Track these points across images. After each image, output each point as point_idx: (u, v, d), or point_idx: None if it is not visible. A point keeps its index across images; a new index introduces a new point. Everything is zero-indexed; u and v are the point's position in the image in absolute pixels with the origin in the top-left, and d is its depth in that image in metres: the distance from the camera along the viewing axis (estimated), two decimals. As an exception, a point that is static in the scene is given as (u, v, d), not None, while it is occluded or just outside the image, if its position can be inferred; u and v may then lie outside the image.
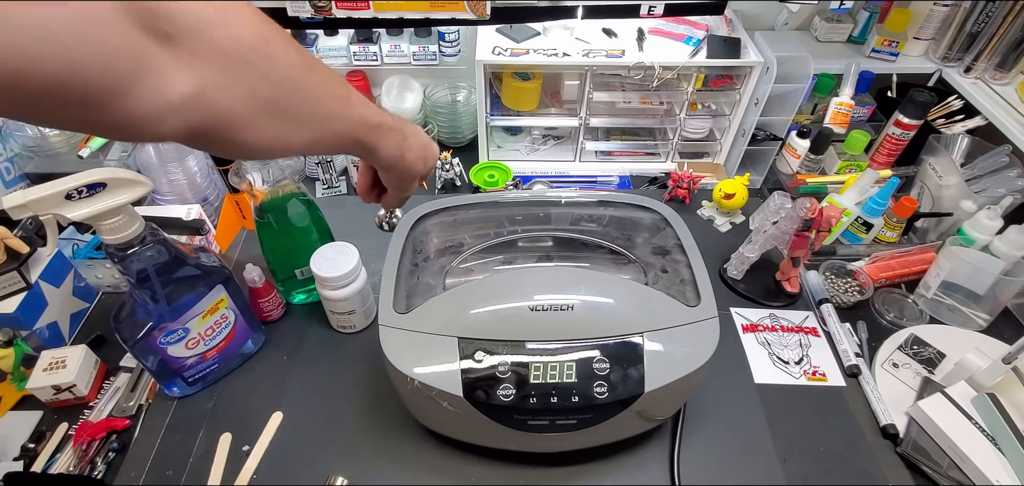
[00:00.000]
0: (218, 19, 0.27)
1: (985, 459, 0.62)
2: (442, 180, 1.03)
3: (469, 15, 0.86)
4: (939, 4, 1.01)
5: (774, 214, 0.78)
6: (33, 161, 0.93)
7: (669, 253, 0.65)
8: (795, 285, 0.84)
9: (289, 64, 0.31)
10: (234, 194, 0.87)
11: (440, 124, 1.11)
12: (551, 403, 0.52)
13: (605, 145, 1.13)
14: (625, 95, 1.04)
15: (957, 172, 0.91)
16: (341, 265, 0.68)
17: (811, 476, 0.64)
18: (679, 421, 0.67)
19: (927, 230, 0.98)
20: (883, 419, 0.69)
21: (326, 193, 1.04)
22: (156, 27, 0.24)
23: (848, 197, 0.91)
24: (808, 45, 1.08)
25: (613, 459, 0.64)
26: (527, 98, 1.04)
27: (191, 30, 0.26)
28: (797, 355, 0.77)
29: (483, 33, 0.97)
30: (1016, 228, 0.78)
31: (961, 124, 1.00)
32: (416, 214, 0.67)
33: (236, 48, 0.28)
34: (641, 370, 0.53)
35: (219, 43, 0.27)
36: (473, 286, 0.59)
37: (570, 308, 0.54)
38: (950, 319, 0.82)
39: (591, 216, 0.71)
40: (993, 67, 1.00)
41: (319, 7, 0.83)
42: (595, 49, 0.95)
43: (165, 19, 0.25)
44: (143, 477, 0.62)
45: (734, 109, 1.02)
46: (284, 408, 0.68)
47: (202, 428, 0.66)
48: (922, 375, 0.74)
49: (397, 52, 1.11)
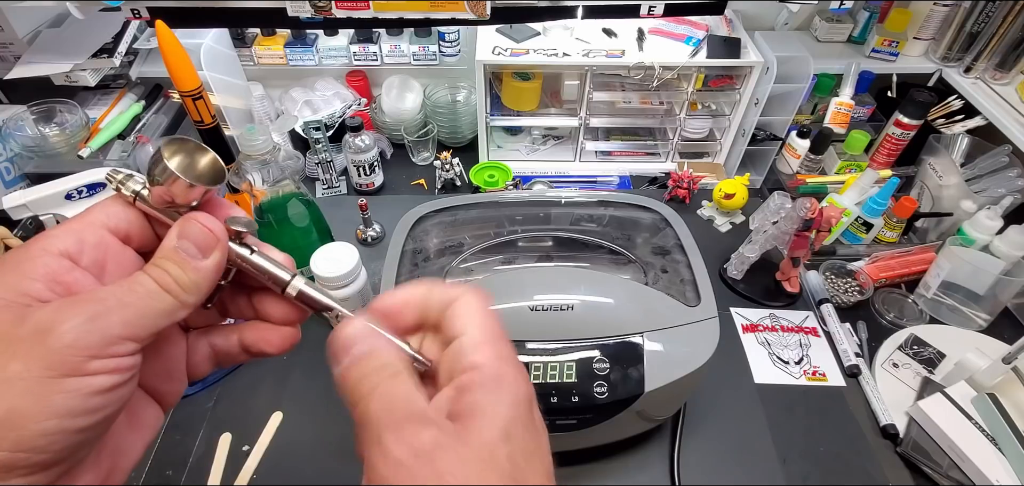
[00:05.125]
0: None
1: (985, 459, 0.62)
2: (442, 180, 1.03)
3: (469, 15, 0.86)
4: (939, 4, 1.01)
5: (774, 214, 0.78)
6: (33, 161, 0.93)
7: (669, 253, 0.65)
8: (795, 285, 0.84)
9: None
10: (234, 194, 0.87)
11: (440, 124, 1.11)
12: (551, 403, 0.52)
13: (605, 145, 1.12)
14: (625, 95, 1.04)
15: (957, 172, 0.91)
16: (341, 265, 0.68)
17: (811, 476, 0.64)
18: (679, 421, 0.67)
19: (927, 230, 0.98)
20: (883, 419, 0.69)
21: (326, 193, 1.04)
22: None
23: (848, 197, 0.91)
24: (808, 45, 1.08)
25: (613, 459, 0.64)
26: (527, 98, 1.04)
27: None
28: (797, 355, 0.77)
29: (483, 33, 0.97)
30: (1016, 228, 0.78)
31: (961, 124, 1.00)
32: (416, 214, 0.67)
33: None
34: (641, 370, 0.53)
35: None
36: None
37: (570, 308, 0.54)
38: (950, 319, 0.82)
39: (591, 216, 0.70)
40: (993, 67, 1.00)
41: (319, 7, 0.83)
42: (595, 49, 0.95)
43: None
44: (143, 477, 0.62)
45: (734, 109, 1.01)
46: (284, 408, 0.68)
47: (202, 428, 0.66)
48: (922, 375, 0.74)
49: (397, 52, 1.11)
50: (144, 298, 0.22)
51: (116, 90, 1.05)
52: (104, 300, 0.21)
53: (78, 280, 0.22)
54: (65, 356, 0.19)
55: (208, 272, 0.24)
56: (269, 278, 0.26)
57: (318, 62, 1.12)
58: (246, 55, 1.09)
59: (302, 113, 1.09)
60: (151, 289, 0.22)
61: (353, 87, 1.16)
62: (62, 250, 0.22)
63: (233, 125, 0.98)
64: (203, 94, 0.73)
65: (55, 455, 0.20)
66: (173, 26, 0.68)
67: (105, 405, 0.21)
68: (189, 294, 0.23)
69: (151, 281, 0.22)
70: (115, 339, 0.21)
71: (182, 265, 0.23)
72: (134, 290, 0.22)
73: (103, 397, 0.20)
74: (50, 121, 0.96)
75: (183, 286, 0.23)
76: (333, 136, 1.07)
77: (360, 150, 0.97)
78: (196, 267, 0.23)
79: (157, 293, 0.22)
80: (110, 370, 0.20)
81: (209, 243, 0.24)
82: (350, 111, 1.11)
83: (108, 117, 0.99)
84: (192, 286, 0.23)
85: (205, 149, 0.25)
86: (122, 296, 0.21)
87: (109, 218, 0.24)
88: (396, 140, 1.13)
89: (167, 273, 0.23)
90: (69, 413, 0.20)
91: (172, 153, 0.24)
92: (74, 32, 0.94)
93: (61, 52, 0.91)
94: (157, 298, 0.22)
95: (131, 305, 0.21)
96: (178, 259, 0.23)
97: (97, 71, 0.92)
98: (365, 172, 1.00)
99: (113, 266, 0.24)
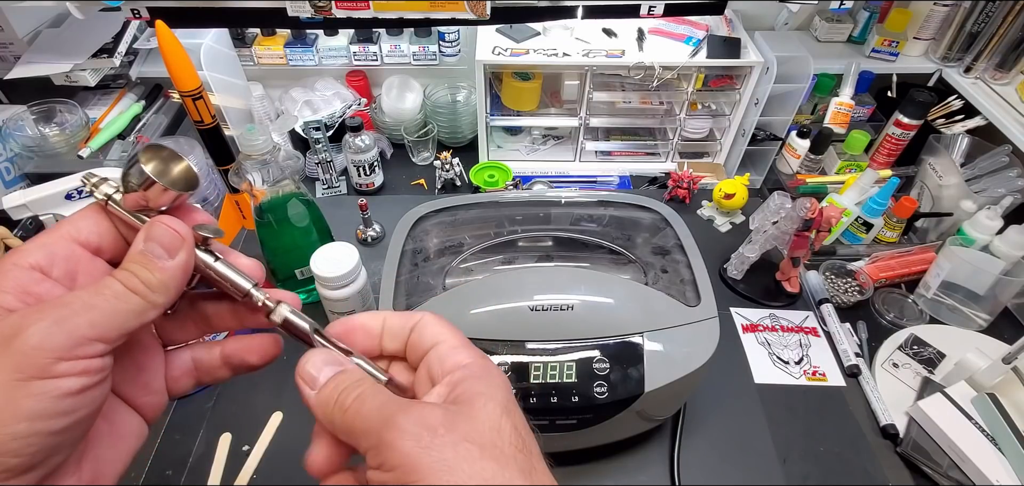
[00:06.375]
0: None
1: (985, 459, 0.62)
2: (442, 180, 1.03)
3: (469, 15, 0.86)
4: (939, 4, 1.01)
5: (774, 214, 0.78)
6: (33, 161, 0.93)
7: (669, 253, 0.65)
8: (795, 285, 0.84)
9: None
10: (234, 194, 0.87)
11: (440, 124, 1.11)
12: (551, 403, 0.52)
13: (605, 145, 1.12)
14: (625, 95, 1.04)
15: (957, 172, 0.91)
16: (341, 265, 0.68)
17: (811, 476, 0.64)
18: (679, 421, 0.67)
19: (927, 230, 0.98)
20: (883, 419, 0.69)
21: (326, 193, 1.04)
22: None
23: (848, 197, 0.91)
24: (808, 45, 1.08)
25: (613, 459, 0.64)
26: (527, 98, 1.04)
27: None
28: (797, 355, 0.77)
29: (483, 33, 0.97)
30: (1016, 228, 0.78)
31: (961, 124, 1.00)
32: (416, 214, 0.67)
33: None
34: (641, 370, 0.53)
35: None
36: (473, 286, 0.59)
37: (570, 308, 0.54)
38: (950, 319, 0.82)
39: (591, 216, 0.70)
40: (993, 67, 1.00)
41: (319, 7, 0.83)
42: (595, 49, 0.95)
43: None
44: (143, 477, 0.62)
45: (734, 109, 1.01)
46: (284, 408, 0.68)
47: (202, 428, 0.66)
48: (922, 375, 0.74)
49: (397, 52, 1.11)
50: (111, 299, 0.22)
51: (116, 90, 1.05)
52: (70, 303, 0.21)
53: (49, 291, 0.22)
54: (32, 358, 0.20)
55: (175, 272, 0.24)
56: (231, 285, 0.26)
57: (318, 62, 1.12)
58: (246, 55, 1.09)
59: (302, 113, 1.09)
60: (118, 290, 0.22)
61: (353, 87, 1.16)
62: (32, 263, 0.23)
63: (233, 125, 0.98)
64: (203, 94, 0.74)
65: (30, 458, 0.20)
66: (173, 26, 0.68)
67: (76, 407, 0.21)
68: (156, 294, 0.23)
69: (118, 284, 0.22)
70: (82, 340, 0.21)
71: (149, 266, 0.23)
72: (101, 293, 0.22)
73: (73, 399, 0.20)
74: (50, 121, 0.96)
75: (150, 286, 0.23)
76: (333, 136, 1.07)
77: (360, 150, 0.97)
78: (162, 267, 0.23)
79: (124, 294, 0.22)
80: (79, 372, 0.21)
81: (175, 244, 0.24)
82: (350, 111, 1.11)
83: (108, 117, 1.00)
84: (159, 286, 0.23)
85: (179, 157, 0.25)
86: (88, 299, 0.22)
87: (79, 231, 0.24)
88: (396, 140, 1.13)
89: (134, 275, 0.23)
90: (40, 416, 0.20)
91: (148, 158, 0.24)
92: (74, 32, 0.94)
93: (61, 52, 0.91)
94: (124, 298, 0.22)
95: (97, 307, 0.21)
96: (145, 261, 0.23)
97: (97, 71, 0.92)
98: (365, 172, 1.00)
99: (84, 277, 0.24)
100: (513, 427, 0.22)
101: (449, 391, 0.24)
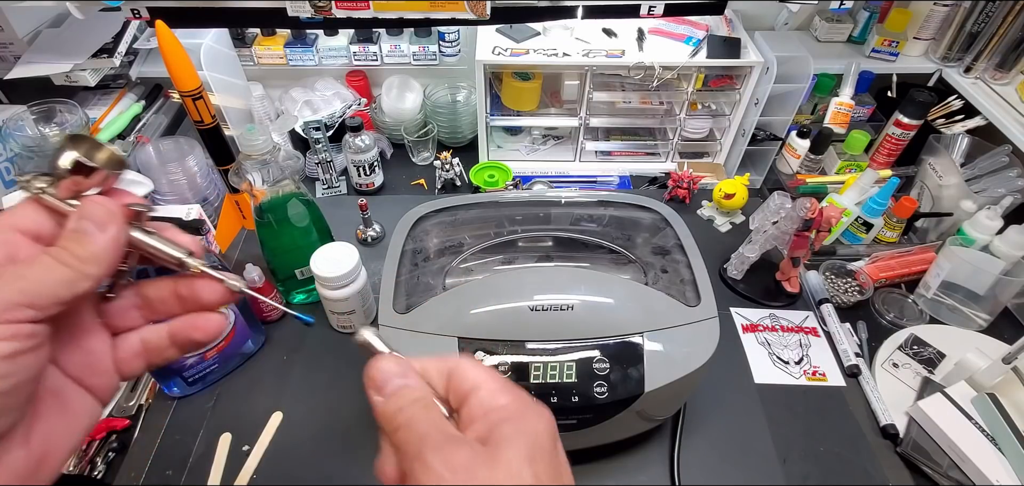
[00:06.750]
0: None
1: (985, 459, 0.62)
2: (442, 180, 1.03)
3: (469, 15, 0.86)
4: (939, 4, 1.01)
5: (774, 214, 0.78)
6: (33, 161, 0.92)
7: (669, 253, 0.65)
8: (795, 285, 0.84)
9: None
10: (234, 194, 0.87)
11: (440, 124, 1.11)
12: (551, 403, 0.52)
13: (605, 145, 1.12)
14: (625, 95, 1.04)
15: (957, 172, 0.91)
16: (341, 265, 0.68)
17: (811, 476, 0.64)
18: (679, 421, 0.67)
19: (927, 230, 0.98)
20: (883, 419, 0.69)
21: (326, 193, 1.04)
22: None
23: (848, 197, 0.91)
24: (808, 45, 1.08)
25: (613, 459, 0.64)
26: (527, 98, 1.04)
27: None
28: (797, 355, 0.77)
29: (483, 33, 0.97)
30: (1016, 228, 0.78)
31: (961, 124, 1.00)
32: (416, 214, 0.67)
33: None
34: (641, 370, 0.53)
35: None
36: (473, 286, 0.59)
37: (570, 308, 0.54)
38: (950, 319, 0.82)
39: (591, 216, 0.70)
40: (993, 67, 1.00)
41: (319, 7, 0.83)
42: (595, 49, 0.95)
43: None
44: (143, 477, 0.62)
45: (734, 109, 1.01)
46: (284, 408, 0.68)
47: (202, 428, 0.66)
48: (922, 375, 0.74)
49: (397, 52, 1.11)
50: (41, 270, 0.23)
51: (116, 90, 1.05)
52: (1, 274, 0.23)
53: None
54: None
55: (106, 244, 0.25)
56: (166, 257, 0.28)
57: (318, 62, 1.12)
58: (246, 55, 1.09)
59: (302, 113, 1.09)
60: (48, 263, 0.24)
61: (353, 87, 1.16)
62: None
63: (233, 125, 0.98)
64: (203, 94, 0.74)
65: None
66: (173, 26, 0.68)
67: (10, 372, 0.22)
68: (88, 265, 0.24)
69: (49, 257, 0.24)
70: (11, 305, 0.22)
71: (80, 240, 0.24)
72: (32, 266, 0.23)
73: (6, 363, 0.22)
74: (50, 121, 0.96)
75: (81, 258, 0.24)
76: (333, 136, 1.07)
77: (360, 150, 0.97)
78: (93, 239, 0.25)
79: (54, 266, 0.24)
80: (9, 336, 0.22)
81: (105, 219, 0.25)
82: (350, 111, 1.11)
83: (108, 117, 0.99)
84: (90, 257, 0.24)
85: (102, 144, 0.27)
86: (20, 271, 0.23)
87: (19, 220, 0.25)
88: (396, 140, 1.13)
89: (65, 250, 0.24)
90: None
91: (74, 144, 0.26)
92: (74, 32, 0.94)
93: (61, 52, 0.91)
94: (54, 269, 0.24)
95: (27, 276, 0.23)
96: (76, 237, 0.25)
97: (97, 71, 0.92)
98: (365, 172, 1.00)
99: (24, 260, 0.25)
100: (534, 475, 0.23)
101: (484, 431, 0.24)
